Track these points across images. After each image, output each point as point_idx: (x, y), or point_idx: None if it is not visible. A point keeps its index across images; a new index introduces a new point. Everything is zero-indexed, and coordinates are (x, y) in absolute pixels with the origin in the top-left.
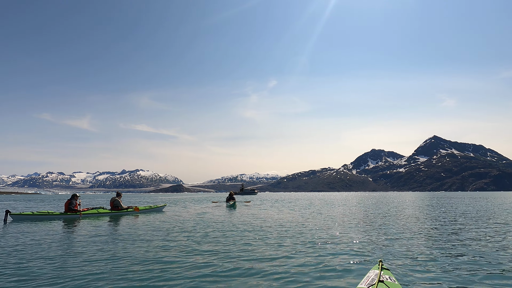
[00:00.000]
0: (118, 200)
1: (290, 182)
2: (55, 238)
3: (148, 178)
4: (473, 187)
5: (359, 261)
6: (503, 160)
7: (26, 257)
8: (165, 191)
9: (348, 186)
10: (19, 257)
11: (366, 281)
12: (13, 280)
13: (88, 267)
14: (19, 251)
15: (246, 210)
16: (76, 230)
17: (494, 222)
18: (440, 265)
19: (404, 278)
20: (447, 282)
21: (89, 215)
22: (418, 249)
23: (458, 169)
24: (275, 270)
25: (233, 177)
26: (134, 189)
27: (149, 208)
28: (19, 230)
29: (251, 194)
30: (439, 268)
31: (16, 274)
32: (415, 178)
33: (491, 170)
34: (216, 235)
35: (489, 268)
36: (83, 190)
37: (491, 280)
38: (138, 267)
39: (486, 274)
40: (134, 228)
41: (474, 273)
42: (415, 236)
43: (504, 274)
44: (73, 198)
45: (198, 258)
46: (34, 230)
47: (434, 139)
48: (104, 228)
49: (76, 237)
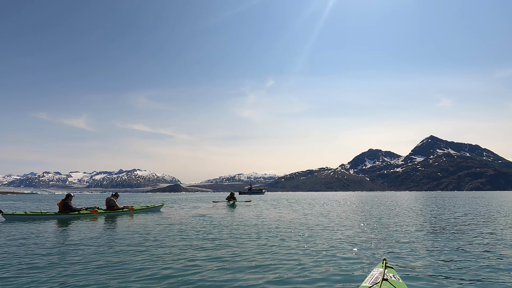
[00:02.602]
0: (113, 200)
1: (288, 182)
2: (47, 238)
3: (146, 178)
4: (469, 187)
5: (363, 260)
6: (499, 160)
7: (15, 258)
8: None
9: (345, 186)
10: (8, 258)
11: (370, 279)
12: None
13: (80, 268)
14: (8, 253)
15: (246, 209)
16: (69, 230)
17: (496, 222)
18: (444, 263)
19: (408, 277)
20: (452, 280)
21: (85, 215)
22: (422, 247)
23: (455, 168)
24: (278, 268)
25: (231, 176)
26: (132, 189)
27: (146, 208)
28: (10, 230)
29: (259, 193)
30: (443, 266)
31: (2, 278)
32: (412, 178)
33: (487, 169)
34: (215, 235)
35: (493, 266)
36: (80, 190)
37: (496, 278)
38: (131, 268)
39: (491, 272)
40: (129, 228)
41: (479, 271)
42: (418, 234)
43: (509, 272)
44: (68, 198)
45: (195, 258)
46: (25, 230)
47: (431, 139)
48: (98, 228)
49: (68, 238)
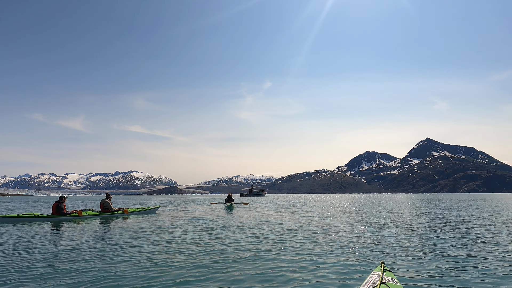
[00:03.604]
0: (108, 202)
1: (284, 184)
2: (38, 241)
3: (142, 180)
4: (465, 189)
5: (361, 263)
6: (494, 162)
7: (5, 260)
8: (159, 192)
9: (342, 188)
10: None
11: (368, 282)
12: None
13: (70, 271)
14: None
15: (244, 212)
16: (62, 232)
17: (494, 225)
18: (442, 267)
19: (406, 280)
20: (450, 283)
21: (78, 217)
22: (420, 251)
23: (450, 171)
24: (276, 271)
25: (228, 178)
26: (128, 191)
27: (141, 210)
28: (0, 233)
29: (260, 195)
30: (441, 269)
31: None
32: (408, 180)
33: (482, 172)
34: (211, 238)
35: (492, 270)
36: (76, 191)
37: (494, 281)
38: (124, 271)
39: (489, 275)
40: (122, 230)
41: (477, 274)
42: (416, 238)
43: (506, 275)
44: (61, 200)
45: (189, 261)
46: (17, 233)
47: (427, 142)
48: (90, 231)
49: (60, 240)
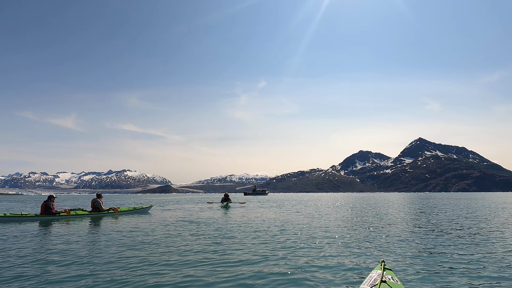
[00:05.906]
0: (99, 202)
1: (279, 183)
2: (24, 241)
3: (136, 179)
4: (456, 188)
5: (361, 262)
6: (484, 162)
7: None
8: (153, 191)
9: (336, 187)
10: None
11: (369, 281)
12: None
13: (56, 272)
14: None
15: (240, 211)
16: (48, 233)
17: (490, 223)
18: (442, 265)
19: (406, 278)
20: (450, 281)
21: (66, 217)
22: (420, 249)
23: (442, 170)
24: (275, 271)
25: (222, 177)
26: (121, 190)
27: (133, 210)
28: None
29: (262, 194)
30: (441, 268)
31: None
32: (401, 179)
33: (473, 171)
34: (207, 239)
35: (492, 267)
36: (68, 190)
37: (494, 279)
38: (110, 272)
39: (489, 273)
40: (111, 230)
41: (476, 272)
42: (416, 236)
43: (507, 272)
44: (50, 199)
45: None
46: (3, 232)
47: (419, 141)
48: (78, 231)
49: (46, 240)
